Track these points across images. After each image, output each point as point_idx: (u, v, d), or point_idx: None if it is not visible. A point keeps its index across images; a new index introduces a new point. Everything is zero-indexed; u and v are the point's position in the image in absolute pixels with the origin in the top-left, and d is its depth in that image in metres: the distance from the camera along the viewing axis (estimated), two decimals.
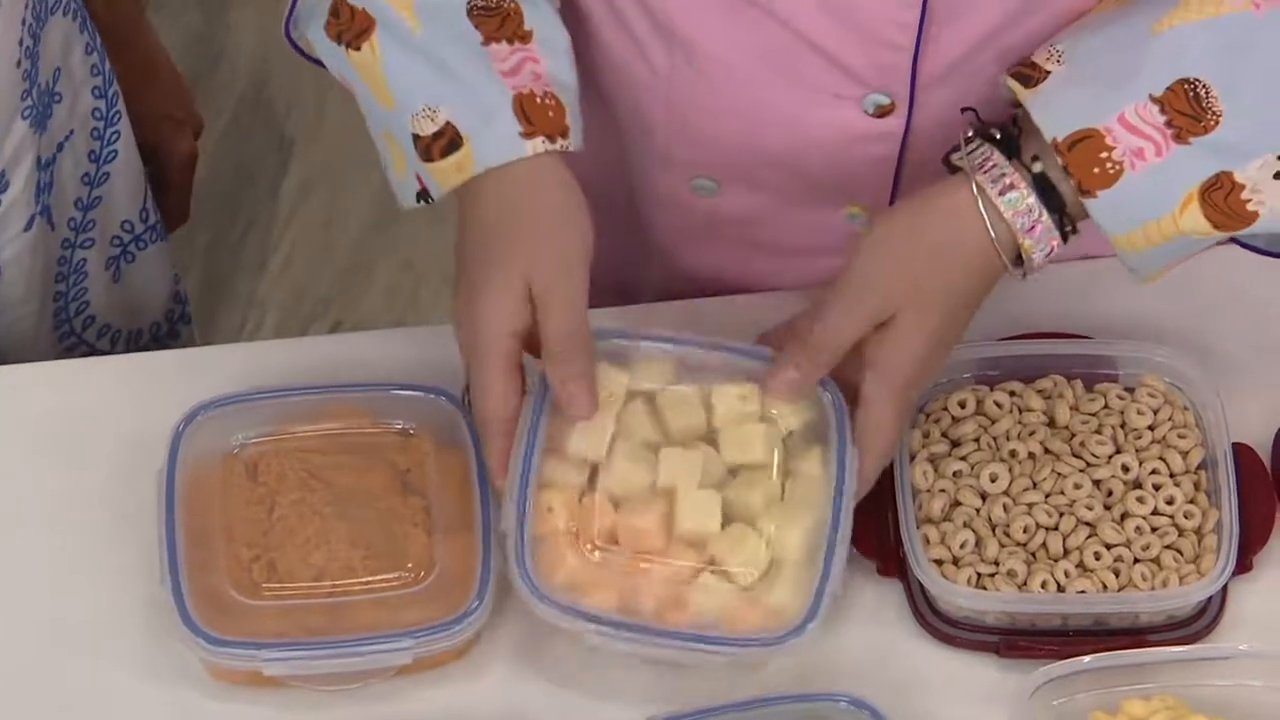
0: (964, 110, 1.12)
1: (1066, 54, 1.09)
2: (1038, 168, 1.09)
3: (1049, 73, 1.09)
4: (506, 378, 1.08)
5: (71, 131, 1.38)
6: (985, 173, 1.09)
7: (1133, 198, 1.08)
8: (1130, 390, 1.17)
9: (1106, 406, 1.17)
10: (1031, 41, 1.14)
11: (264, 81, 2.34)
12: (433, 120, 1.09)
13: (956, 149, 1.11)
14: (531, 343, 1.10)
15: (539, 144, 1.09)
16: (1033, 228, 1.08)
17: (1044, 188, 1.09)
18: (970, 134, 1.10)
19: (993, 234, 1.09)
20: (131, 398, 1.22)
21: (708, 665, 1.09)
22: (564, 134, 1.10)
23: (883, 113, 1.17)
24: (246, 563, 1.11)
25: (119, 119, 1.41)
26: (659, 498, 1.11)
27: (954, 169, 1.11)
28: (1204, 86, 1.07)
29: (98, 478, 1.19)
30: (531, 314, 1.08)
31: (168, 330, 1.51)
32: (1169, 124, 1.07)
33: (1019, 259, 1.10)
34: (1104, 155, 1.07)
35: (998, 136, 1.10)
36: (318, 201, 2.28)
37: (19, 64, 1.29)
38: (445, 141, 1.09)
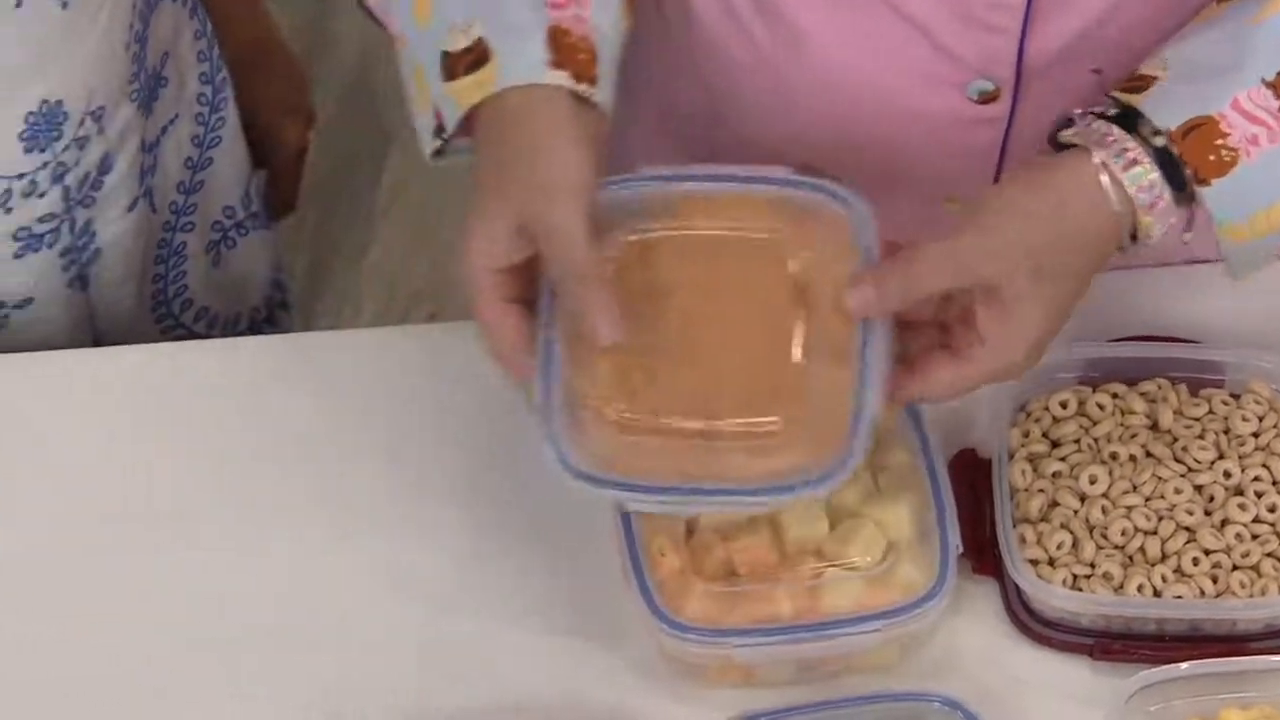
0: (1094, 71, 1.12)
1: (1171, 59, 1.09)
2: (1159, 141, 1.07)
3: (1156, 78, 1.08)
4: (501, 314, 1.05)
5: (177, 116, 1.39)
6: (1107, 148, 1.07)
7: (1247, 185, 1.07)
8: (1235, 396, 1.17)
9: (1210, 412, 1.16)
10: (1139, 32, 1.13)
11: (369, 71, 2.36)
12: (466, 35, 1.07)
13: (1065, 125, 1.09)
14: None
15: (561, 77, 1.05)
16: (1154, 204, 1.07)
17: (1165, 163, 1.07)
18: (1081, 111, 1.09)
19: (1120, 214, 1.07)
20: (233, 381, 1.24)
21: (861, 650, 1.09)
22: (591, 80, 1.06)
23: (987, 99, 1.16)
24: (626, 369, 1.06)
25: (225, 105, 1.42)
26: (761, 519, 1.11)
27: (1061, 146, 1.09)
28: None
29: (198, 459, 1.20)
30: (523, 251, 1.05)
31: (266, 316, 1.52)
32: None
33: (1133, 235, 1.08)
34: (1219, 142, 1.06)
35: (1112, 113, 1.08)
36: (416, 194, 2.30)
37: (128, 47, 1.31)
38: (473, 58, 1.07)
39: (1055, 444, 1.16)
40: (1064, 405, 1.17)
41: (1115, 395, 1.17)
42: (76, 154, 1.29)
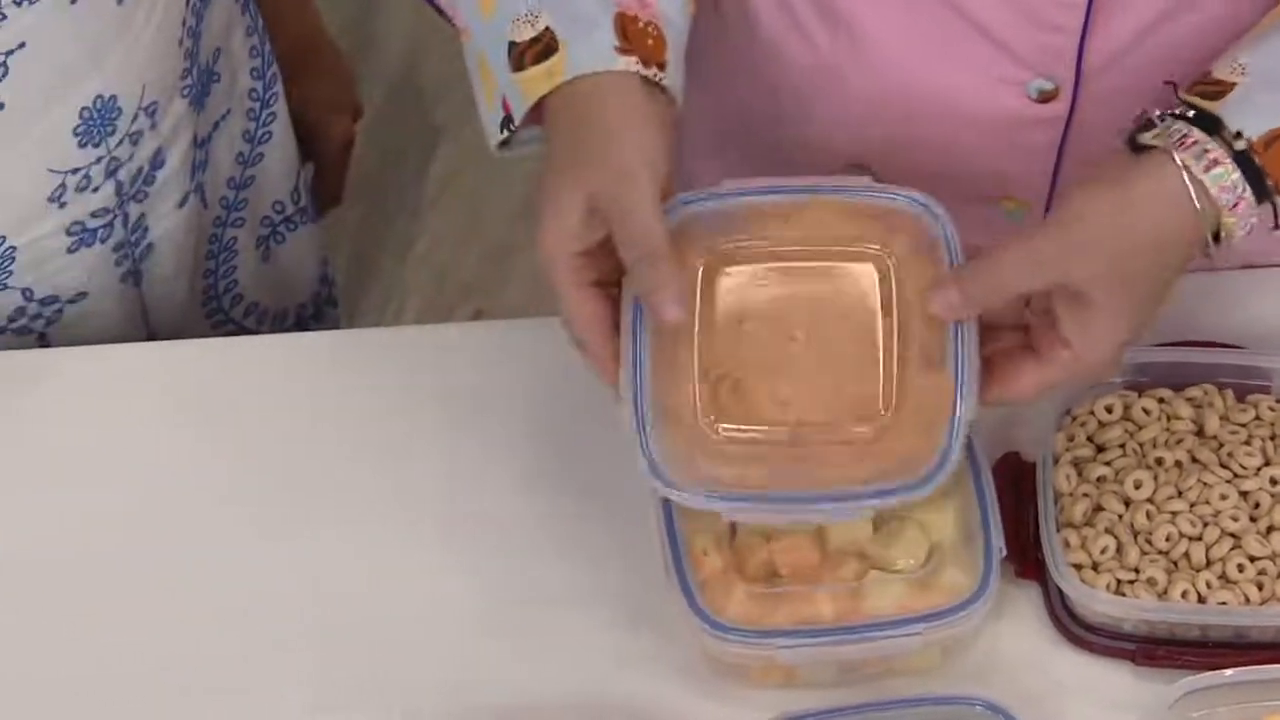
0: (1167, 83, 1.10)
1: (1250, 66, 1.08)
2: (1240, 145, 1.06)
3: (1234, 84, 1.08)
4: (582, 297, 1.05)
5: (228, 111, 1.40)
6: (1187, 150, 1.06)
7: None
8: None
9: (1257, 418, 1.16)
10: (1199, 34, 1.14)
11: (416, 67, 2.37)
12: (532, 26, 1.08)
13: (1145, 128, 1.08)
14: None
15: (631, 63, 1.06)
16: (1236, 204, 1.06)
17: (1246, 165, 1.06)
18: (1160, 113, 1.08)
19: (1202, 216, 1.05)
20: (278, 377, 1.25)
21: (903, 653, 1.10)
22: (660, 65, 1.07)
23: (1046, 98, 1.17)
24: (714, 384, 1.07)
25: (275, 100, 1.43)
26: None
27: (1138, 148, 1.08)
28: None
29: (246, 453, 1.22)
30: (602, 230, 1.04)
31: (314, 312, 1.53)
32: None
33: (1215, 237, 1.07)
34: None
35: (1191, 115, 1.07)
36: (463, 189, 2.31)
37: (181, 43, 1.32)
38: (540, 48, 1.07)
39: (1100, 448, 1.16)
40: (1109, 410, 1.17)
41: (1161, 400, 1.17)
42: (130, 149, 1.30)
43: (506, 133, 1.09)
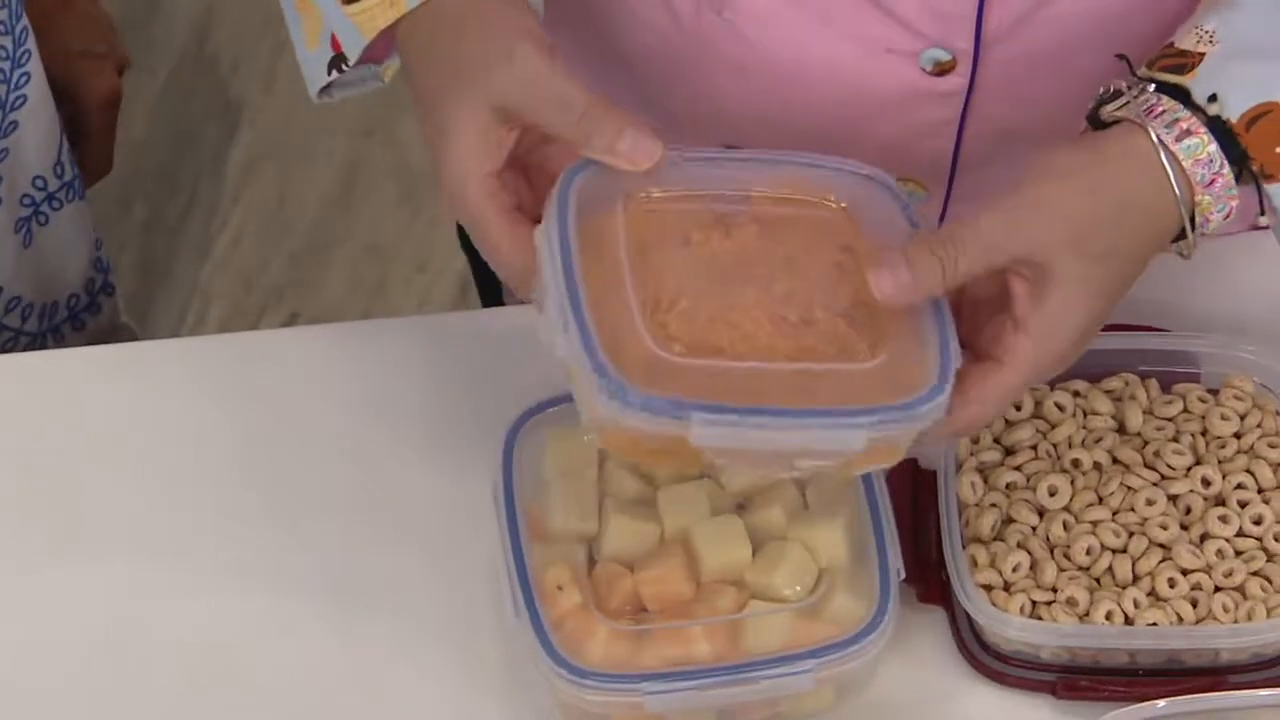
0: (1119, 57, 1.12)
1: (1218, 33, 1.09)
2: (1214, 110, 1.07)
3: (1203, 54, 1.09)
4: (506, 225, 1.06)
5: None
6: (1156, 118, 1.07)
7: None
8: (1213, 392, 1.18)
9: (1186, 410, 1.17)
10: None
11: (208, 34, 2.37)
12: None
13: (1107, 100, 1.09)
14: (529, 161, 1.08)
15: None
16: (1212, 181, 1.07)
17: (1223, 135, 1.07)
18: (1125, 85, 1.08)
19: (1175, 187, 1.06)
20: (57, 396, 1.25)
21: (791, 694, 1.10)
22: None
23: (942, 70, 1.18)
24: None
25: (29, 59, 1.41)
26: (673, 545, 1.13)
27: (1101, 124, 1.08)
28: None
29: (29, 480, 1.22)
30: (510, 137, 1.06)
31: (87, 303, 1.51)
32: None
33: (1191, 222, 1.07)
34: None
35: (1152, 87, 1.08)
36: (270, 174, 2.31)
37: None
38: None
39: (1009, 451, 1.17)
40: (1018, 407, 1.18)
41: (1076, 394, 1.18)
42: None
43: (335, 74, 1.10)
